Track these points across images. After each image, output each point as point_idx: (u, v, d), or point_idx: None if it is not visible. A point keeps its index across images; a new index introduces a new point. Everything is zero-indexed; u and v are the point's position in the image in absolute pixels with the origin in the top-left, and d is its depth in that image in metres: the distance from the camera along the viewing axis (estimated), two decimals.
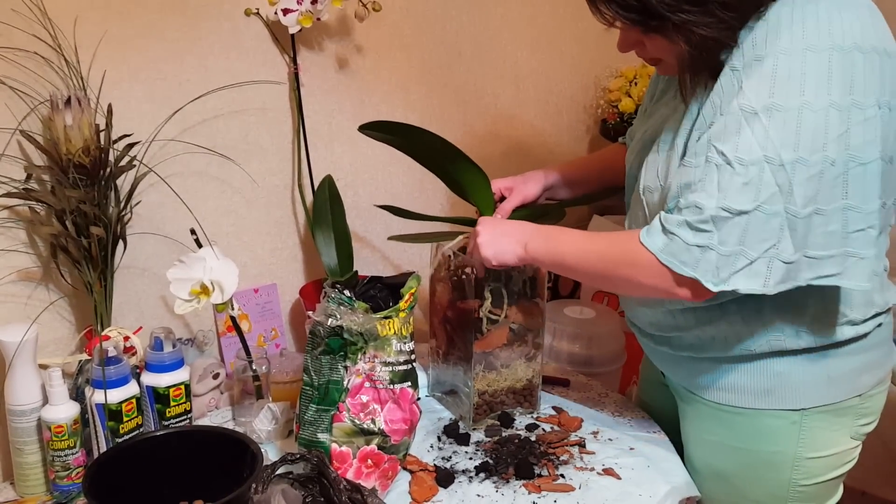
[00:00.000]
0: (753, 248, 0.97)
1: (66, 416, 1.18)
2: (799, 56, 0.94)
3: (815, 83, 0.93)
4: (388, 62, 1.68)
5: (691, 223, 0.99)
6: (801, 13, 0.96)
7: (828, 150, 0.94)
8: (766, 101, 0.94)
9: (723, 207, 0.96)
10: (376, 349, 1.16)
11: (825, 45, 0.93)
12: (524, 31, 1.90)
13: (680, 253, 1.00)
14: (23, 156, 1.25)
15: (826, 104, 0.93)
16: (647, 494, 1.19)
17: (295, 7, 1.42)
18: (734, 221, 0.97)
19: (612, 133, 2.00)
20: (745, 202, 0.96)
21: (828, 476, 1.17)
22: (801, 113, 0.93)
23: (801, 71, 0.93)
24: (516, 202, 1.36)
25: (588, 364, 1.73)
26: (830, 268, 1.00)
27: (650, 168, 1.12)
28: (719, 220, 0.97)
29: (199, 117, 1.43)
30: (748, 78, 0.96)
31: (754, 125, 0.95)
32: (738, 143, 0.95)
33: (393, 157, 1.70)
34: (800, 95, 0.93)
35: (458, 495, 1.19)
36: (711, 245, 0.98)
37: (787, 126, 0.93)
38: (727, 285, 0.99)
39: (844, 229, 0.99)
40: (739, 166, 0.95)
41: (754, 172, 0.95)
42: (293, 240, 1.64)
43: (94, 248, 1.25)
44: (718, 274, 0.99)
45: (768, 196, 0.95)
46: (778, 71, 0.94)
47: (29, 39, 1.22)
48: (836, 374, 1.11)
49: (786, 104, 0.93)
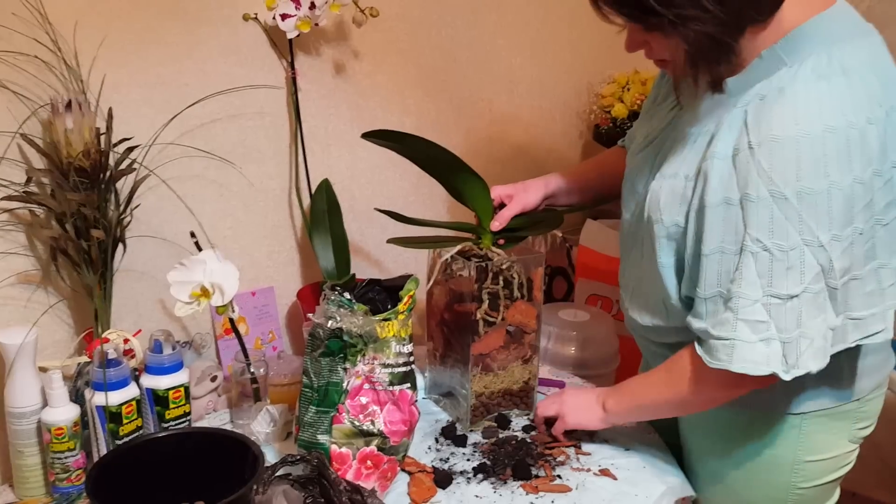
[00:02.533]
0: (810, 328, 0.99)
1: (65, 419, 1.18)
2: (819, 139, 0.94)
3: (838, 163, 0.94)
4: (384, 67, 1.69)
5: (745, 318, 0.99)
6: (815, 92, 0.96)
7: (856, 221, 0.96)
8: (795, 186, 0.94)
9: (771, 295, 0.98)
10: (376, 351, 1.17)
11: (842, 125, 0.94)
12: (518, 38, 1.92)
13: (747, 354, 1.00)
14: (23, 159, 1.26)
15: (850, 181, 0.94)
16: (644, 495, 1.21)
17: (293, 12, 1.43)
18: (788, 307, 0.98)
19: (605, 138, 2.02)
20: (793, 286, 0.97)
21: (826, 479, 1.18)
22: (830, 194, 0.94)
23: (822, 153, 0.94)
24: (516, 210, 1.37)
25: (582, 366, 1.74)
26: (875, 325, 1.03)
27: (653, 197, 1.12)
28: (772, 307, 0.98)
29: (198, 121, 1.44)
30: (770, 160, 0.96)
31: (787, 210, 0.95)
32: (773, 229, 0.96)
33: (390, 161, 1.71)
34: (826, 177, 0.94)
35: (456, 496, 1.20)
36: (772, 335, 0.99)
37: (818, 208, 0.95)
38: (799, 370, 1.00)
39: (880, 286, 1.02)
40: (779, 252, 0.96)
41: (795, 257, 0.96)
42: (290, 243, 1.65)
43: (93, 251, 1.25)
44: (787, 361, 1.00)
45: (813, 276, 0.97)
46: (802, 155, 0.94)
47: (29, 43, 1.22)
48: (836, 378, 1.12)
49: (814, 187, 0.94)
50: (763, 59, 1.01)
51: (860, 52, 0.99)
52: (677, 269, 1.11)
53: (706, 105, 1.08)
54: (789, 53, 0.99)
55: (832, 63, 0.97)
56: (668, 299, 1.14)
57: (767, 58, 1.01)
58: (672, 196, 1.08)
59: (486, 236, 1.37)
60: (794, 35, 0.99)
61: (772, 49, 1.00)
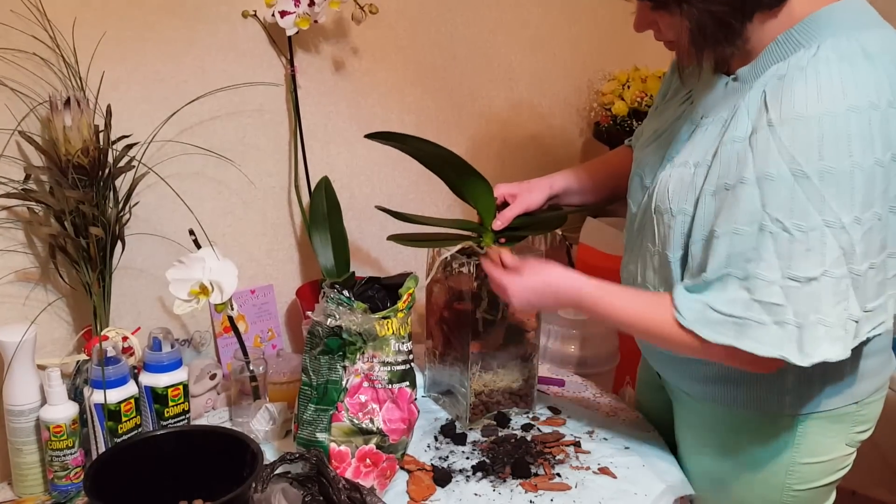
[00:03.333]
0: (828, 315, 0.96)
1: (64, 417, 1.18)
2: (843, 118, 0.92)
3: (861, 144, 0.92)
4: (383, 64, 1.69)
5: (760, 299, 0.97)
6: (838, 72, 0.94)
7: (875, 206, 0.94)
8: (817, 165, 0.92)
9: (789, 277, 0.95)
10: (375, 349, 1.16)
11: (865, 105, 0.92)
12: (518, 35, 1.92)
13: (759, 335, 0.98)
14: (22, 156, 1.26)
15: (872, 162, 0.93)
16: (643, 493, 1.20)
17: (292, 9, 1.43)
18: (806, 290, 0.95)
19: (606, 136, 2.01)
20: (812, 268, 0.94)
21: (821, 482, 1.17)
22: (853, 174, 0.92)
23: (846, 133, 0.92)
24: (518, 210, 1.34)
25: (582, 365, 1.75)
26: (881, 316, 1.00)
27: (661, 187, 1.11)
28: (789, 290, 0.95)
29: (197, 118, 1.43)
30: (793, 138, 0.94)
31: (808, 189, 0.93)
32: (793, 208, 0.94)
33: (389, 158, 1.71)
34: (849, 157, 0.92)
35: (455, 494, 1.20)
36: (787, 319, 0.96)
37: (841, 188, 0.92)
38: (815, 357, 0.96)
39: (886, 276, 1.00)
40: (799, 233, 0.94)
41: (816, 238, 0.93)
42: (290, 241, 1.64)
43: (92, 249, 1.25)
44: (802, 348, 0.97)
45: (834, 259, 0.94)
46: (825, 133, 0.92)
47: (28, 40, 1.22)
48: (834, 380, 1.11)
49: (838, 167, 0.92)
50: (778, 42, 1.00)
51: (879, 40, 0.98)
52: (682, 261, 1.10)
53: (719, 94, 1.07)
54: (806, 36, 0.98)
55: (853, 46, 0.95)
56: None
57: (783, 41, 1.00)
58: (681, 184, 1.07)
59: (488, 235, 1.37)
60: (810, 21, 0.98)
61: (787, 33, 0.99)
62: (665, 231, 1.11)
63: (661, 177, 1.12)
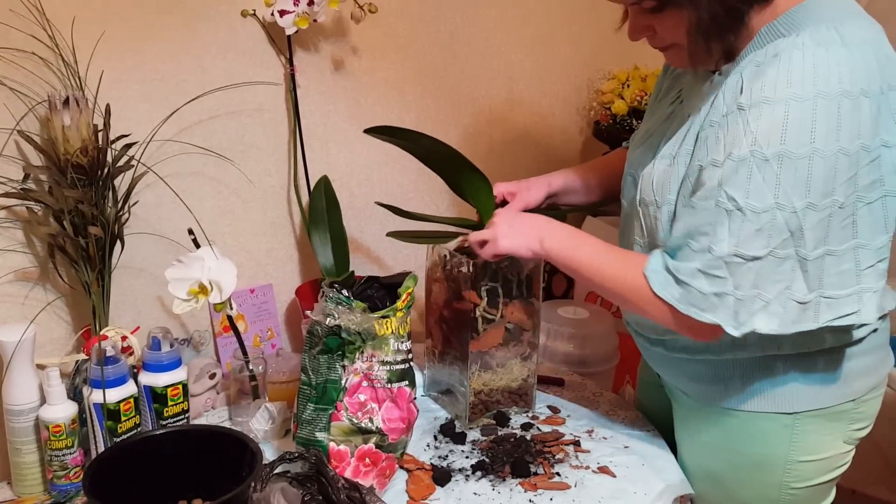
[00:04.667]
0: (767, 290, 0.99)
1: (63, 416, 1.18)
2: (810, 103, 0.93)
3: (825, 130, 0.93)
4: (383, 63, 1.69)
5: (705, 271, 1.00)
6: (811, 58, 0.95)
7: (836, 194, 0.96)
8: (777, 149, 0.94)
9: (736, 254, 0.98)
10: (374, 348, 1.16)
11: (835, 92, 0.93)
12: (517, 33, 1.92)
13: (698, 302, 1.02)
14: (21, 156, 1.26)
15: (835, 150, 0.94)
16: (643, 492, 1.20)
17: (291, 8, 1.43)
18: (748, 266, 0.98)
19: (605, 135, 2.01)
20: (758, 248, 0.97)
21: (819, 480, 1.17)
22: (812, 161, 0.94)
23: (811, 118, 0.93)
24: (518, 208, 1.35)
25: (582, 364, 1.74)
26: (849, 306, 1.02)
27: (646, 180, 1.13)
28: (733, 265, 0.98)
29: (196, 118, 1.43)
30: (758, 121, 0.95)
31: (766, 172, 0.95)
32: (750, 189, 0.96)
33: (388, 157, 1.71)
34: (810, 143, 0.93)
35: (454, 493, 1.20)
36: (727, 291, 1.00)
37: (798, 173, 0.94)
38: (747, 327, 1.00)
39: (857, 267, 1.01)
40: (752, 213, 0.96)
41: (766, 219, 0.96)
42: (289, 240, 1.64)
43: (91, 248, 1.25)
44: (737, 318, 1.00)
45: (780, 241, 0.97)
46: (790, 118, 0.93)
47: (27, 40, 1.22)
48: (830, 378, 1.12)
49: (797, 152, 0.94)
50: (761, 35, 1.01)
51: (861, 31, 0.98)
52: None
53: (704, 90, 1.08)
54: (787, 26, 1.00)
55: (832, 34, 0.96)
56: None
57: (765, 33, 1.01)
58: (664, 175, 1.09)
59: None
60: (793, 12, 1.00)
61: (770, 25, 1.01)
62: (651, 223, 1.13)
63: (646, 171, 1.14)
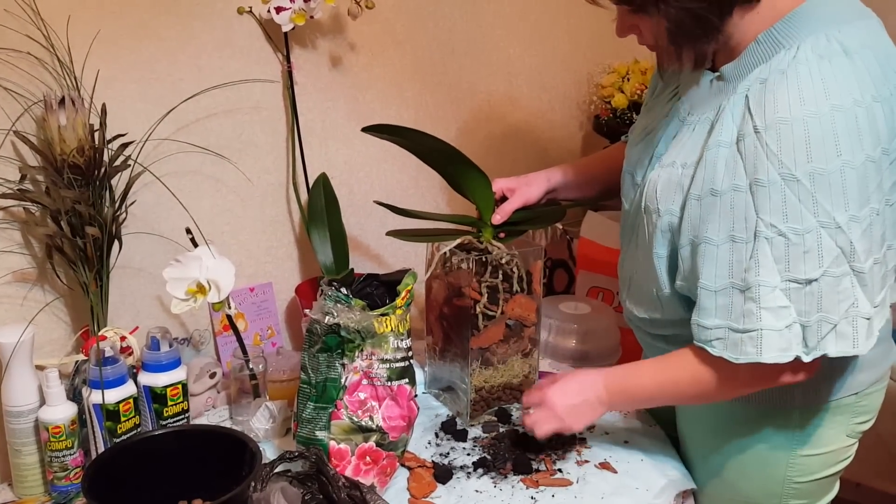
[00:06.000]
0: (833, 312, 0.97)
1: (63, 417, 1.18)
2: (828, 118, 0.92)
3: (849, 142, 0.92)
4: (381, 60, 1.68)
5: (768, 307, 0.97)
6: (818, 72, 0.94)
7: (872, 201, 0.94)
8: (806, 168, 0.92)
9: (790, 279, 0.96)
10: (374, 346, 1.16)
11: (849, 104, 0.92)
12: (516, 28, 1.91)
13: (778, 342, 0.98)
14: (17, 156, 1.25)
15: (863, 159, 0.93)
16: (644, 488, 1.20)
17: (288, 5, 1.42)
18: (807, 290, 0.96)
19: (606, 129, 2.00)
20: (811, 270, 0.95)
21: (823, 473, 1.17)
22: (844, 173, 0.92)
23: (832, 133, 0.92)
24: (517, 204, 1.35)
25: (583, 359, 1.73)
26: (886, 309, 1.01)
27: (650, 186, 1.11)
28: (790, 291, 0.96)
29: (193, 116, 1.43)
30: (778, 143, 0.93)
31: (800, 192, 0.93)
32: (787, 212, 0.94)
33: (387, 154, 1.71)
34: (837, 156, 0.92)
35: (456, 491, 1.19)
36: (794, 320, 0.97)
37: (833, 188, 0.93)
38: (818, 351, 0.98)
39: (886, 269, 1.00)
40: (795, 236, 0.94)
41: (812, 240, 0.94)
42: (288, 238, 1.64)
43: (89, 249, 1.24)
44: (807, 343, 0.98)
45: (832, 259, 0.95)
46: (811, 135, 0.92)
47: (22, 39, 1.21)
48: (833, 371, 1.11)
49: (827, 167, 0.92)
50: (759, 42, 1.00)
51: (859, 34, 0.97)
52: (670, 260, 1.10)
53: (704, 93, 1.07)
54: (786, 36, 0.98)
55: (831, 43, 0.96)
56: (660, 291, 1.13)
57: (764, 41, 1.00)
58: (668, 185, 1.08)
59: (487, 230, 1.36)
60: (791, 18, 0.98)
61: (768, 32, 0.99)
62: (652, 230, 1.11)
63: (651, 177, 1.12)
